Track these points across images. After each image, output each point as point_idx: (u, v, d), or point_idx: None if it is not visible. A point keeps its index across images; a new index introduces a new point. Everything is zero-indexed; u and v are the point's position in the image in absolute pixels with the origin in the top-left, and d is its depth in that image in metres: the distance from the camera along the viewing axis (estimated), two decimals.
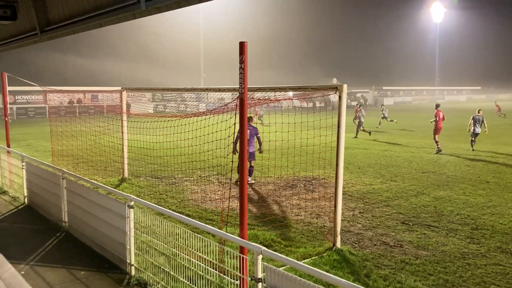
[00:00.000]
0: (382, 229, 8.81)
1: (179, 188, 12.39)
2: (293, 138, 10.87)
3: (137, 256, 6.54)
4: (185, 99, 33.87)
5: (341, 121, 7.59)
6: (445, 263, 7.11)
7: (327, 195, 11.38)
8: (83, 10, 8.09)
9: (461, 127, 33.15)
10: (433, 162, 16.70)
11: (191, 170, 14.24)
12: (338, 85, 7.70)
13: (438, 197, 11.29)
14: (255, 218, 9.45)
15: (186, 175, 13.93)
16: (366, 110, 35.35)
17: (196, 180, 13.33)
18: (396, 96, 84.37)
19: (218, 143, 8.95)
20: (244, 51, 5.27)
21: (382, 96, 79.36)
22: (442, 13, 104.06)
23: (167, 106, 40.60)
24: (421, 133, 27.87)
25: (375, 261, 7.18)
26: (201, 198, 11.26)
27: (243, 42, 5.29)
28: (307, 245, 7.81)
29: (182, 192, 11.85)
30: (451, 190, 12.04)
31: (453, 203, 10.71)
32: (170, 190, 12.15)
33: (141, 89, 15.18)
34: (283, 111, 10.88)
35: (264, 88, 8.89)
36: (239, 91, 5.43)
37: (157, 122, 12.21)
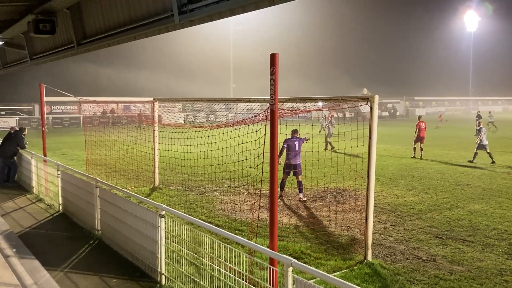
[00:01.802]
0: (414, 243, 8.61)
1: (209, 198, 12.48)
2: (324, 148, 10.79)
3: (167, 266, 6.61)
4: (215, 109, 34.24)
5: (372, 132, 7.51)
6: (481, 279, 6.88)
7: (357, 207, 11.22)
8: (118, 24, 8.33)
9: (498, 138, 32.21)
10: (467, 175, 16.26)
11: (221, 180, 14.32)
12: (370, 95, 7.62)
13: (473, 211, 10.97)
14: (284, 230, 9.40)
15: (215, 185, 14.02)
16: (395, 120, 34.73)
17: (225, 190, 13.39)
18: (429, 106, 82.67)
19: (248, 154, 8.98)
20: (275, 62, 5.30)
21: (414, 106, 77.90)
22: (476, 22, 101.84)
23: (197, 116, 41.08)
24: (455, 144, 27.21)
25: (407, 275, 7.01)
26: (231, 208, 11.30)
27: (274, 54, 5.32)
28: (337, 258, 7.71)
29: (211, 202, 11.93)
30: (486, 204, 11.68)
31: (489, 217, 10.37)
32: (200, 199, 12.24)
33: (172, 100, 15.45)
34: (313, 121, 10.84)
35: (294, 99, 8.90)
36: (269, 102, 5.45)
37: (187, 132, 12.36)
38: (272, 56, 5.33)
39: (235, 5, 5.33)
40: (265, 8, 5.23)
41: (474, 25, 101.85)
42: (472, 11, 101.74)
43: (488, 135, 21.03)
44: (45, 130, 13.84)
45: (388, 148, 24.90)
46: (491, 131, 34.21)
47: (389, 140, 29.12)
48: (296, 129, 11.96)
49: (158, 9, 6.85)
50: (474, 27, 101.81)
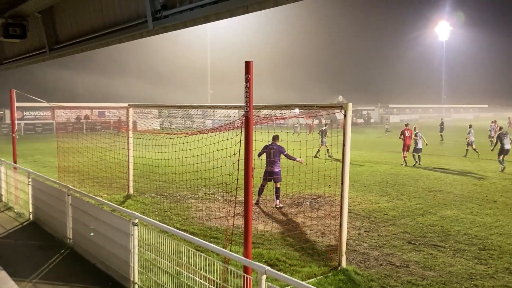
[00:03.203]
0: (388, 249, 8.71)
1: (184, 205, 12.37)
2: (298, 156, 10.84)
3: (140, 274, 6.50)
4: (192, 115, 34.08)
5: (346, 139, 7.58)
6: (452, 284, 7.01)
7: (332, 213, 11.30)
8: (91, 29, 8.22)
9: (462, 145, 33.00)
10: (440, 181, 16.58)
11: (196, 188, 14.23)
12: (344, 103, 7.71)
13: (445, 217, 11.18)
14: (260, 237, 9.39)
15: (191, 192, 13.91)
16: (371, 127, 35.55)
17: (201, 198, 13.31)
18: (403, 113, 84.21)
19: (224, 161, 8.95)
20: (250, 70, 5.31)
21: (388, 113, 79.25)
22: (448, 32, 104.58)
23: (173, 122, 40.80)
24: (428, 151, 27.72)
25: (381, 281, 7.08)
26: (206, 215, 11.23)
27: (249, 62, 5.33)
28: (312, 265, 7.73)
29: (187, 210, 11.83)
30: (458, 210, 11.93)
31: (460, 223, 10.59)
32: (175, 207, 12.12)
33: (148, 106, 15.29)
34: (288, 128, 10.89)
35: (270, 106, 8.93)
36: (244, 110, 5.45)
37: (163, 139, 12.26)
38: (247, 63, 5.34)
39: (210, 12, 5.33)
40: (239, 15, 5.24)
41: (446, 34, 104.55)
42: (444, 21, 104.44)
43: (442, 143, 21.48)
44: (15, 136, 13.51)
45: (363, 154, 25.21)
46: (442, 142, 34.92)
47: (364, 147, 29.50)
48: (277, 135, 11.93)
49: (132, 15, 6.80)
50: (446, 36, 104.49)
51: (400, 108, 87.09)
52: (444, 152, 25.54)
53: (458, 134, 38.87)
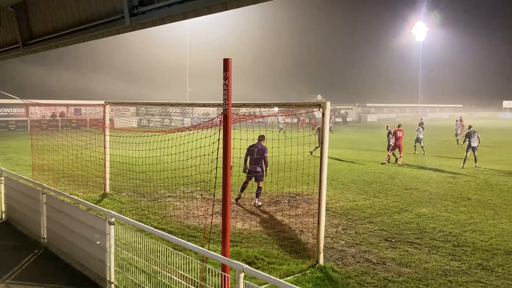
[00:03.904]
0: (365, 246, 8.81)
1: (162, 204, 12.26)
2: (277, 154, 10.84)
3: (117, 274, 6.41)
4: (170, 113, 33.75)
5: (324, 137, 7.62)
6: (427, 280, 7.13)
7: (310, 211, 11.36)
8: (67, 24, 8.06)
9: (444, 144, 33.67)
10: (416, 179, 16.86)
11: (175, 186, 14.12)
12: (322, 102, 7.75)
13: (421, 214, 11.37)
14: (238, 235, 9.38)
15: (169, 191, 13.79)
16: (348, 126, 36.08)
17: (179, 196, 13.21)
18: (380, 113, 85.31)
19: (202, 159, 8.90)
20: (228, 68, 5.28)
21: (366, 113, 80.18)
22: (425, 32, 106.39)
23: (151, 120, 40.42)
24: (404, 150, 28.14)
25: (358, 278, 7.16)
26: (184, 214, 11.15)
27: (227, 59, 5.30)
28: (290, 262, 7.76)
29: (164, 208, 11.73)
30: (433, 207, 12.14)
31: (435, 220, 10.79)
32: (153, 206, 12.01)
33: (125, 103, 15.10)
34: (267, 126, 10.90)
35: (249, 104, 8.90)
36: (223, 107, 5.43)
37: (140, 137, 12.11)
38: (225, 61, 5.31)
39: (188, 9, 5.28)
40: (218, 12, 5.21)
41: (423, 35, 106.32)
42: (421, 22, 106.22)
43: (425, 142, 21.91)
44: None
45: (341, 153, 25.43)
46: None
47: (342, 145, 29.77)
48: (263, 135, 12.01)
49: (109, 10, 6.68)
50: (422, 37, 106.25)
51: (378, 107, 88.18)
52: (420, 150, 25.96)
53: (434, 133, 39.60)
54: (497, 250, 8.64)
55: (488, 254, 8.38)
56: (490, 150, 28.44)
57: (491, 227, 10.20)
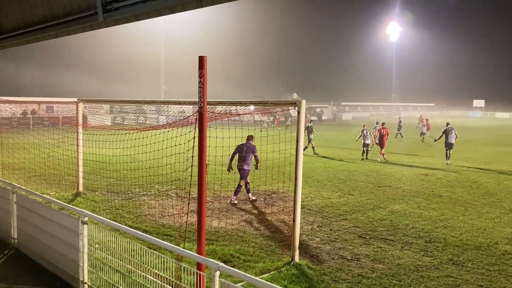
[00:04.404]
0: (339, 243, 8.92)
1: (136, 203, 12.12)
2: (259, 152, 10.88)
3: (90, 274, 6.32)
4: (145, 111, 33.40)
5: (299, 135, 7.67)
6: (400, 276, 7.27)
7: (286, 209, 11.42)
8: (38, 20, 7.87)
9: (417, 142, 34.35)
10: (389, 177, 17.14)
11: (149, 185, 13.98)
12: (297, 100, 7.80)
13: (394, 211, 11.57)
14: (214, 233, 9.35)
15: (144, 190, 13.65)
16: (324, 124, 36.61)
17: (154, 195, 13.08)
18: (354, 111, 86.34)
19: (178, 157, 8.83)
20: (204, 65, 5.25)
21: (341, 111, 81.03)
22: (398, 32, 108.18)
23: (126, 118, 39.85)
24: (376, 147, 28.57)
25: (332, 275, 7.24)
26: (159, 213, 11.05)
27: (203, 57, 5.27)
28: (266, 260, 7.79)
29: (139, 207, 11.60)
30: (406, 204, 12.38)
31: (408, 217, 11.00)
32: (127, 205, 11.86)
33: (98, 101, 14.86)
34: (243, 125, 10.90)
35: (224, 102, 8.89)
36: (198, 105, 5.40)
37: (114, 135, 11.93)
38: (201, 58, 5.27)
39: (162, 6, 5.23)
40: (192, 9, 5.18)
41: (396, 35, 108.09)
42: (395, 22, 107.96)
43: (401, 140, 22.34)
44: None
45: (317, 151, 25.62)
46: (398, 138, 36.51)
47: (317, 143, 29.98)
48: (252, 135, 12.27)
49: (81, 6, 6.56)
50: (396, 37, 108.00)
51: (352, 106, 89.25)
52: (394, 148, 26.43)
53: (407, 131, 40.32)
54: (467, 245, 8.87)
55: (459, 250, 8.60)
56: (460, 148, 29.14)
57: (461, 223, 10.46)
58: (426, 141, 34.17)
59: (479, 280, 7.15)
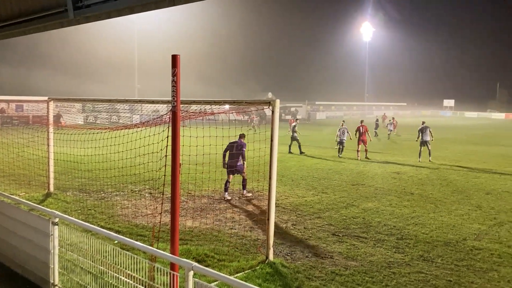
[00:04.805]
0: (313, 241, 9.00)
1: (109, 203, 11.94)
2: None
3: (61, 276, 6.19)
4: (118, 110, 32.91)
5: (274, 135, 7.70)
6: (372, 273, 7.39)
7: (261, 208, 11.46)
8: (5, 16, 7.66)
9: (389, 140, 34.94)
10: (362, 175, 17.39)
11: (123, 184, 13.79)
12: (271, 99, 7.83)
13: (367, 209, 11.75)
14: (188, 233, 9.31)
15: (117, 190, 13.46)
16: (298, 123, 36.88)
17: (127, 195, 12.92)
18: (328, 110, 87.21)
19: (151, 157, 8.75)
20: (177, 64, 5.22)
21: (315, 110, 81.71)
22: (371, 33, 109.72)
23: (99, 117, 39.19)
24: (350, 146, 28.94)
25: (306, 272, 7.30)
26: (133, 213, 10.93)
27: (176, 55, 5.24)
28: (240, 259, 7.79)
29: (112, 207, 11.43)
30: (378, 202, 12.58)
31: (380, 214, 11.18)
32: (100, 205, 11.67)
33: (70, 99, 14.54)
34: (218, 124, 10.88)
35: (199, 101, 8.86)
36: (171, 104, 5.36)
37: (86, 134, 11.72)
38: (174, 57, 5.24)
39: (134, 3, 5.17)
40: (165, 8, 5.14)
41: (369, 35, 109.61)
42: (368, 23, 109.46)
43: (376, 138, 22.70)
44: None
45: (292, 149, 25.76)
46: (376, 137, 37.13)
47: None
48: (243, 134, 12.75)
49: (51, 2, 6.41)
50: (369, 37, 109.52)
51: (326, 105, 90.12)
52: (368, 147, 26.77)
53: (379, 130, 40.93)
54: (437, 241, 9.09)
55: (429, 246, 8.80)
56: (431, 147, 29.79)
57: (432, 220, 10.71)
58: (394, 140, 34.85)
59: (448, 275, 7.34)
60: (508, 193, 14.21)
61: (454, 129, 52.51)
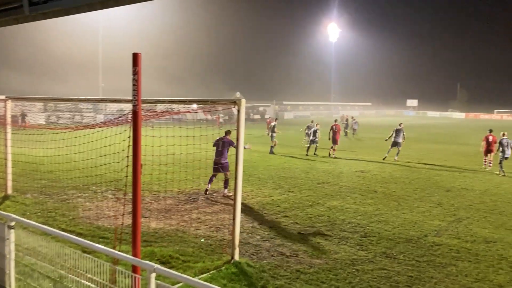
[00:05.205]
0: (279, 240, 9.03)
1: (71, 205, 11.62)
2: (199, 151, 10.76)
3: (18, 281, 5.97)
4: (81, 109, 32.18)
5: (240, 134, 7.68)
6: (336, 270, 7.47)
7: (228, 208, 11.41)
8: None
9: (354, 140, 35.52)
10: (327, 174, 17.60)
11: (85, 186, 13.45)
12: (237, 99, 7.81)
13: (332, 207, 11.89)
14: (153, 235, 9.16)
15: (79, 191, 13.10)
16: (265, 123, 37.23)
17: (90, 196, 12.60)
18: (296, 110, 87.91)
19: (114, 157, 8.57)
20: (138, 62, 5.12)
21: (283, 110, 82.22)
22: (337, 33, 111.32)
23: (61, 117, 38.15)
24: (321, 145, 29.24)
25: (271, 271, 7.32)
26: (95, 215, 10.67)
27: (137, 53, 5.14)
28: (205, 260, 7.73)
29: (74, 210, 11.12)
30: (343, 200, 12.76)
31: (345, 212, 11.34)
32: (61, 207, 11.34)
33: (29, 99, 14.08)
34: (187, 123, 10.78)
35: (163, 100, 8.72)
36: (132, 103, 5.26)
37: (46, 134, 11.37)
38: (135, 55, 5.15)
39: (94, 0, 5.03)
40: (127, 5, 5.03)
41: (336, 36, 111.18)
42: (334, 23, 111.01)
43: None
44: None
45: (259, 149, 25.82)
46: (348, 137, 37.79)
47: (259, 142, 30.23)
48: (229, 130, 12.79)
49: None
50: (335, 37, 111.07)
51: (294, 105, 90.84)
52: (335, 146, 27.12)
53: None
54: (399, 238, 9.29)
55: (392, 243, 8.98)
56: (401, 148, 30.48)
57: (394, 217, 10.94)
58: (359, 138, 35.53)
59: (409, 271, 7.51)
60: (466, 190, 14.69)
61: (417, 128, 53.89)
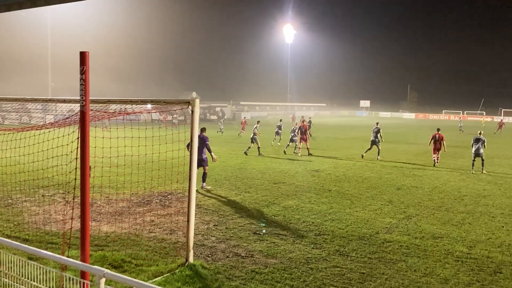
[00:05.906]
0: (235, 241, 9.01)
1: (17, 210, 11.10)
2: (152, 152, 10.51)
3: None
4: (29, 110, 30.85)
5: (194, 135, 7.61)
6: (291, 269, 7.53)
7: (182, 210, 11.27)
8: None
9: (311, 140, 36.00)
10: (283, 174, 17.75)
11: (33, 189, 12.91)
12: (191, 99, 7.73)
13: (287, 206, 12.00)
14: (105, 238, 8.90)
15: (26, 195, 12.56)
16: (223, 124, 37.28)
17: (38, 200, 12.10)
18: (253, 111, 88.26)
19: (63, 159, 8.26)
20: (86, 61, 4.96)
21: (240, 110, 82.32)
22: (293, 35, 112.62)
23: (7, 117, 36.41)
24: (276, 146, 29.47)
25: (227, 273, 7.28)
26: (43, 219, 10.24)
27: (85, 52, 4.98)
28: (159, 263, 7.59)
29: (20, 214, 10.64)
30: (298, 199, 12.90)
31: (300, 211, 11.47)
32: (5, 212, 10.81)
33: None
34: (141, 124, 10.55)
35: (114, 101, 8.48)
36: (80, 104, 5.08)
37: None
38: (82, 54, 4.98)
39: None
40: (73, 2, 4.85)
41: (291, 37, 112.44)
42: (289, 25, 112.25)
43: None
44: None
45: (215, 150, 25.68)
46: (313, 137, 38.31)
47: (216, 142, 30.12)
48: (204, 127, 14.11)
49: None
50: (291, 39, 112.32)
51: (251, 106, 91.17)
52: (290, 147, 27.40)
53: None
54: (352, 236, 9.49)
55: (345, 241, 9.16)
56: (348, 145, 31.25)
57: (347, 216, 11.17)
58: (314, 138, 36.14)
59: (361, 268, 7.68)
60: (416, 188, 15.22)
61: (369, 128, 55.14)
